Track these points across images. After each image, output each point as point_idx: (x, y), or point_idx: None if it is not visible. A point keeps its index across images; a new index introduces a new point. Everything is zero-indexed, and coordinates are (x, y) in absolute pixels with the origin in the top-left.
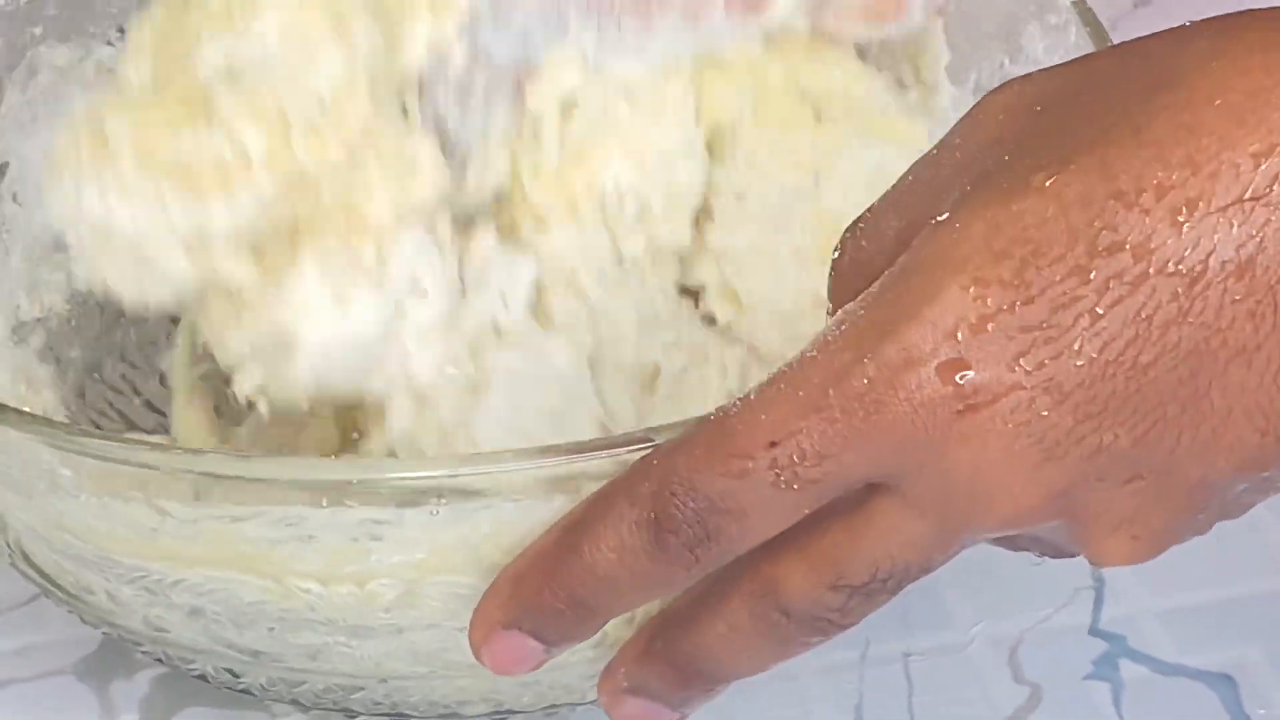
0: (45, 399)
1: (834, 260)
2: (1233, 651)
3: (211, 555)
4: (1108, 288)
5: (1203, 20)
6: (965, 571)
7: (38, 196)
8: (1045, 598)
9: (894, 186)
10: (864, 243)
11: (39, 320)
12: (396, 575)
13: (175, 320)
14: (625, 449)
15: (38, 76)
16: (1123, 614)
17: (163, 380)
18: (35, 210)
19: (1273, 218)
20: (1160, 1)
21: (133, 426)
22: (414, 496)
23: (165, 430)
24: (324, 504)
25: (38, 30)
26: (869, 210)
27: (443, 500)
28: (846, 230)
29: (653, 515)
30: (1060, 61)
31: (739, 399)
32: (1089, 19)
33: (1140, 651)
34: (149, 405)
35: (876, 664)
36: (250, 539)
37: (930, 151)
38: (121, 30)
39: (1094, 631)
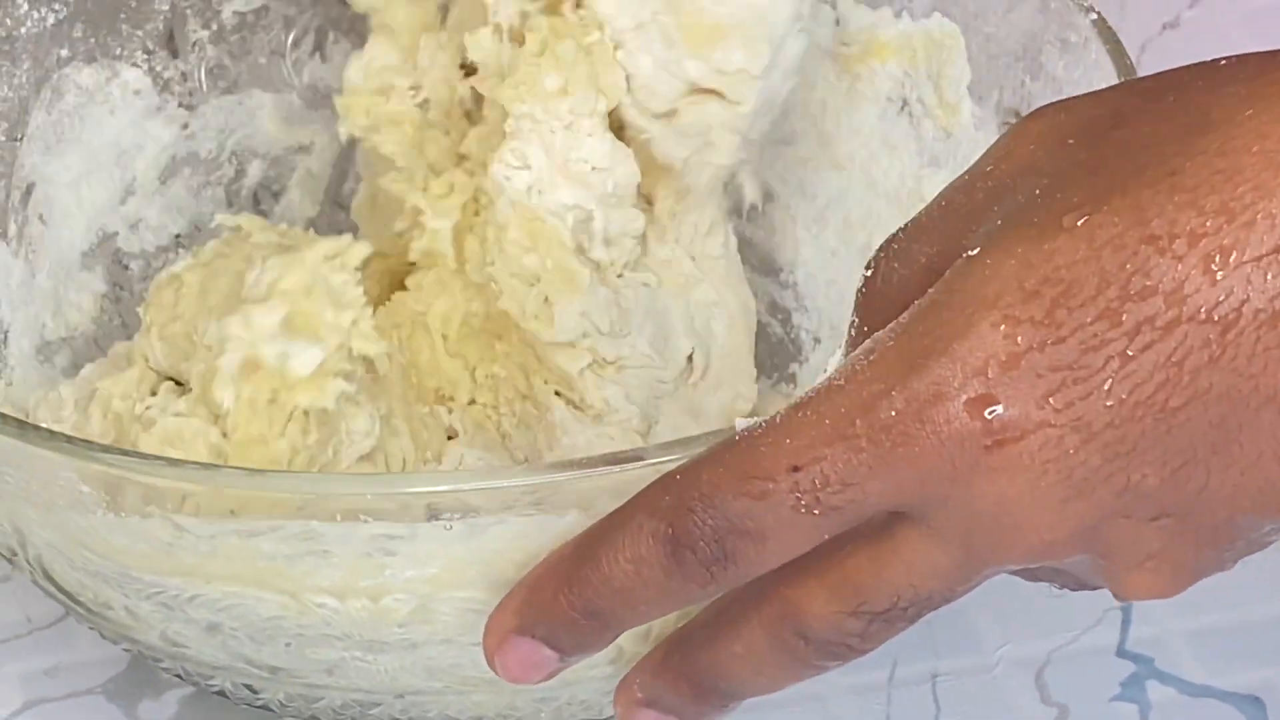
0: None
1: (865, 278)
2: (1260, 673)
3: (228, 571)
4: (1139, 332)
5: (1238, 59)
6: (992, 593)
7: (63, 217)
8: (1072, 619)
9: (927, 209)
10: (896, 265)
11: (65, 340)
12: (410, 590)
13: None
14: (640, 464)
15: (64, 98)
16: (1150, 635)
17: None
18: (61, 230)
19: None
20: (1188, 24)
21: None
22: (427, 512)
23: None
24: (338, 519)
25: (64, 52)
26: (902, 232)
27: (456, 515)
28: (879, 250)
29: (671, 530)
30: (1080, 78)
31: (764, 420)
32: (1109, 37)
33: (1168, 673)
34: None
35: (904, 685)
36: (266, 554)
37: (963, 176)
38: (148, 51)
39: (1121, 653)
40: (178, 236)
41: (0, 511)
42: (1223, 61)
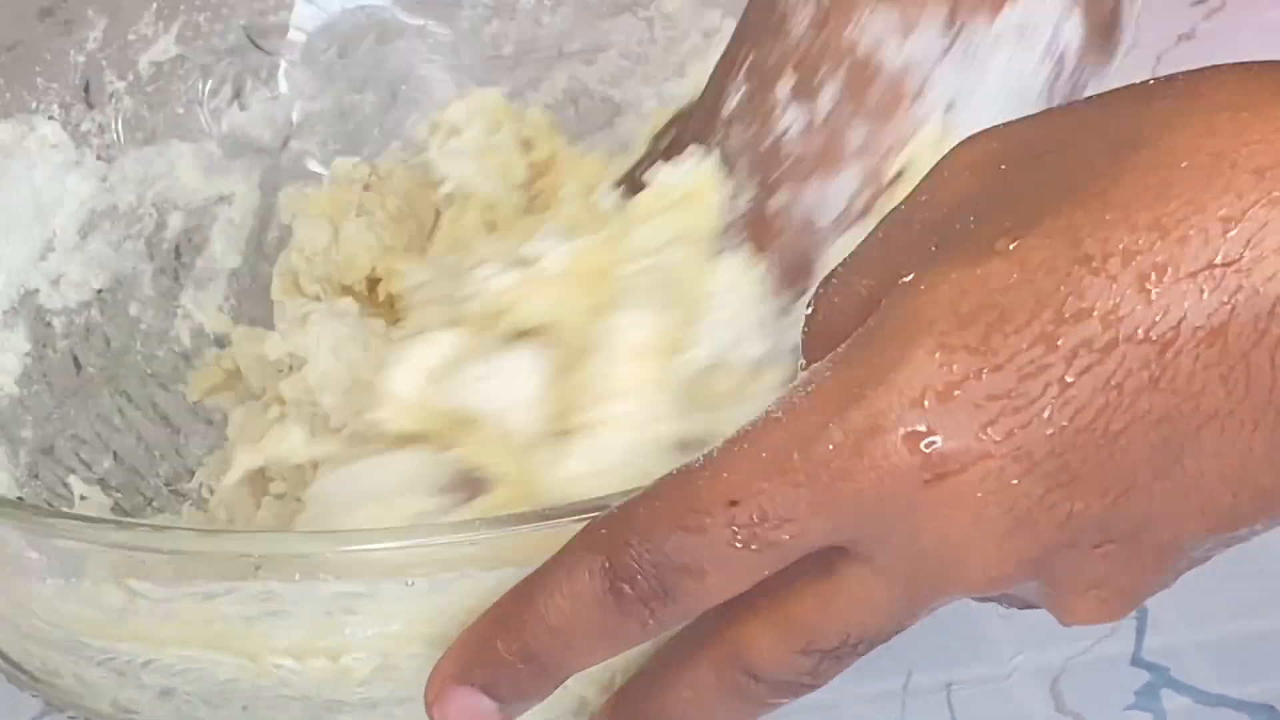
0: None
1: (807, 316)
2: (1275, 682)
3: (184, 635)
4: (1076, 355)
5: (1166, 78)
6: None
7: None
8: (1087, 628)
9: (864, 242)
10: (836, 299)
11: None
12: (372, 648)
13: (125, 394)
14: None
15: None
16: (1165, 644)
17: (116, 458)
18: None
19: (1244, 283)
20: (1203, 36)
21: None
22: (389, 569)
23: (121, 509)
24: (297, 578)
25: None
26: (841, 267)
27: (418, 571)
28: (819, 286)
29: (608, 563)
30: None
31: (702, 455)
32: None
33: (1182, 682)
34: (104, 484)
35: (918, 694)
36: (224, 616)
37: (898, 207)
38: (64, 104)
39: (1136, 662)
40: (99, 291)
41: None
42: (1150, 81)
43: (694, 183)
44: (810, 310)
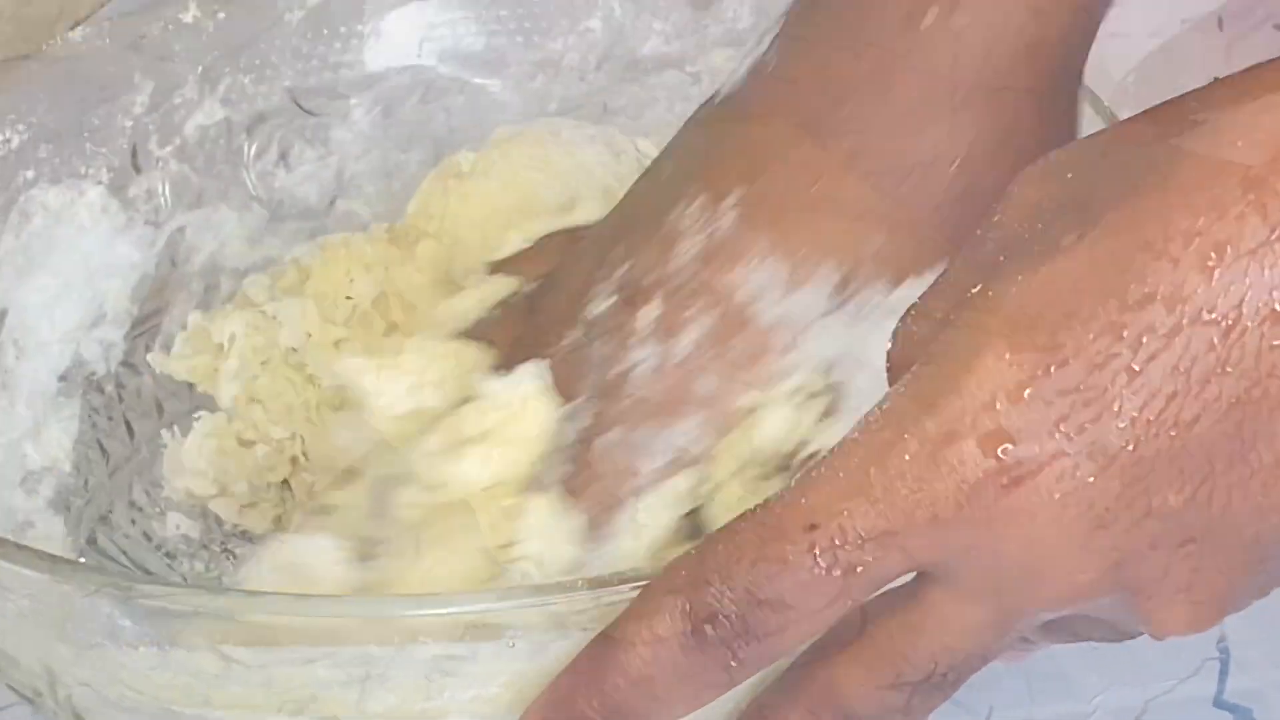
0: (59, 549)
1: (888, 353)
2: None
3: (279, 700)
4: (1142, 342)
5: (1229, 75)
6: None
7: (37, 343)
8: (1170, 668)
9: (943, 273)
10: (914, 328)
11: (47, 469)
12: (469, 711)
13: None
14: None
15: (32, 220)
16: (1249, 686)
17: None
18: (36, 356)
19: None
20: None
21: (147, 572)
22: (490, 630)
23: (180, 575)
24: (396, 641)
25: (30, 174)
26: (920, 298)
27: (519, 633)
28: (900, 320)
29: (689, 605)
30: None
31: (782, 489)
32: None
33: None
34: (162, 551)
35: None
36: (321, 681)
37: (975, 233)
38: (112, 169)
39: (1219, 704)
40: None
41: (29, 651)
42: (1216, 79)
43: (523, 402)
44: (891, 344)
